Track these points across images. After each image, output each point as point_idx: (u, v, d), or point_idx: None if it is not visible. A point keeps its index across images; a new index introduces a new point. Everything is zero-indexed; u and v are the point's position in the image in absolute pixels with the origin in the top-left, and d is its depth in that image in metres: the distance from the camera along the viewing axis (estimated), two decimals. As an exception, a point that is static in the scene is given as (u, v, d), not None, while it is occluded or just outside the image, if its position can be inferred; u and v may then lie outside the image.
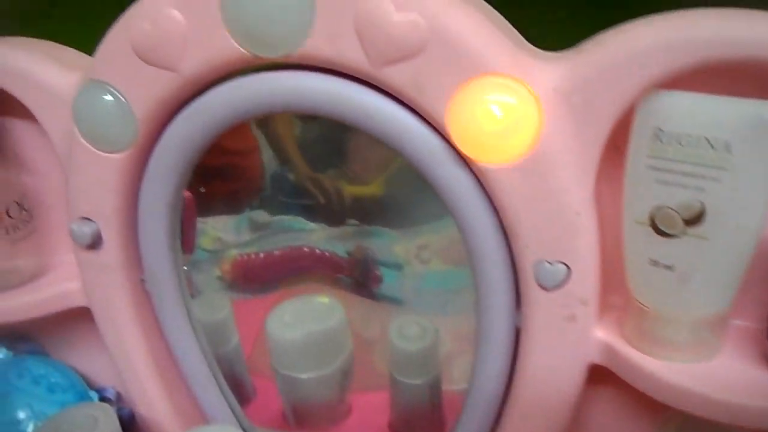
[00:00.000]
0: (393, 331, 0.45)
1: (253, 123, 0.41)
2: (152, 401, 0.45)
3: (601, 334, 0.33)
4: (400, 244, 0.45)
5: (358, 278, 0.46)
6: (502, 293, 0.34)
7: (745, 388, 0.30)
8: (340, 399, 0.48)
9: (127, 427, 0.46)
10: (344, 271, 0.46)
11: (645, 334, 0.31)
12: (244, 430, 0.48)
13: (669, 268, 0.29)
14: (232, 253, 0.48)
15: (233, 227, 0.48)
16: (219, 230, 0.49)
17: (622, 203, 0.31)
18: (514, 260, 0.33)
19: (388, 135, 0.32)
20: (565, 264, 0.31)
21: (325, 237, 0.46)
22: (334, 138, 0.41)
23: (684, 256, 0.29)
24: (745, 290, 0.30)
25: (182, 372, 0.45)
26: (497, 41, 0.30)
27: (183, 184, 0.38)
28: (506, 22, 0.31)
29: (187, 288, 0.43)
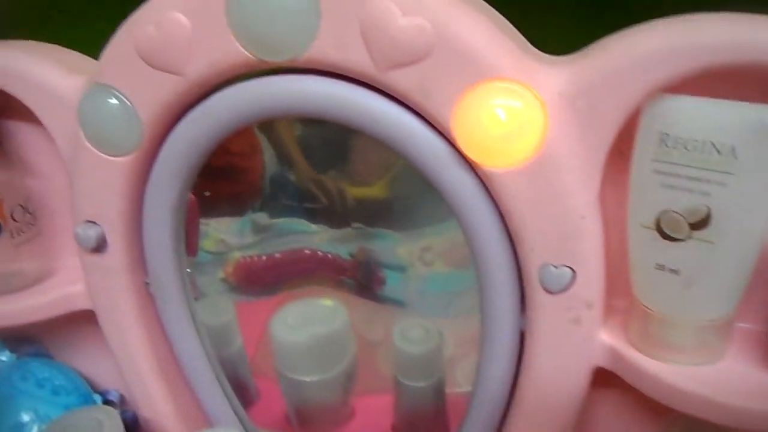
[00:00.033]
0: (396, 333, 0.44)
1: (255, 125, 0.41)
2: (156, 404, 0.45)
3: (606, 338, 0.33)
4: (403, 246, 0.45)
5: (361, 280, 0.46)
6: (507, 296, 0.34)
7: (750, 391, 0.30)
8: (344, 402, 0.48)
9: (131, 430, 0.46)
10: (347, 273, 0.46)
11: (650, 338, 0.31)
12: (248, 433, 0.48)
13: (675, 272, 0.29)
14: (235, 255, 0.48)
15: (236, 229, 0.48)
16: (222, 232, 0.49)
17: (627, 207, 0.31)
18: (519, 264, 0.33)
19: (393, 139, 0.32)
20: (570, 267, 0.31)
21: (327, 239, 0.46)
22: (336, 139, 0.41)
23: (690, 259, 0.29)
24: (750, 293, 0.30)
25: (186, 375, 0.45)
26: (503, 46, 0.30)
27: (188, 187, 0.38)
28: (512, 26, 0.31)
29: (191, 291, 0.43)
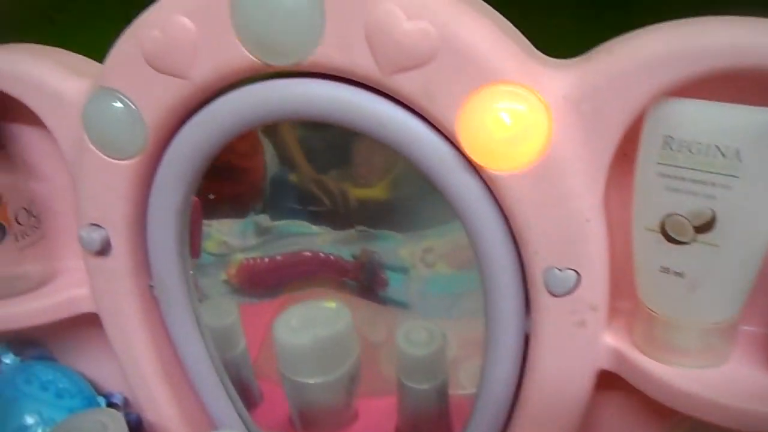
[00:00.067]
0: (400, 335, 0.45)
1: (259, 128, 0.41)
2: (160, 407, 0.45)
3: (611, 340, 0.33)
4: (405, 248, 0.45)
5: (364, 282, 0.46)
6: (512, 299, 0.34)
7: (755, 394, 0.30)
8: (347, 404, 0.48)
9: (135, 433, 0.46)
10: (349, 274, 0.46)
11: (654, 340, 0.31)
12: (252, 436, 0.48)
13: (679, 275, 0.29)
14: (238, 257, 0.49)
15: (238, 231, 0.48)
16: (224, 234, 0.49)
17: (631, 209, 0.31)
18: (523, 267, 0.33)
19: (397, 143, 0.32)
20: (575, 270, 0.31)
21: (330, 241, 0.46)
22: (338, 140, 0.41)
23: (694, 263, 0.29)
24: (755, 296, 0.30)
25: (190, 377, 0.45)
26: (507, 49, 0.30)
27: (192, 190, 0.38)
28: (516, 29, 0.32)
29: (195, 293, 0.43)
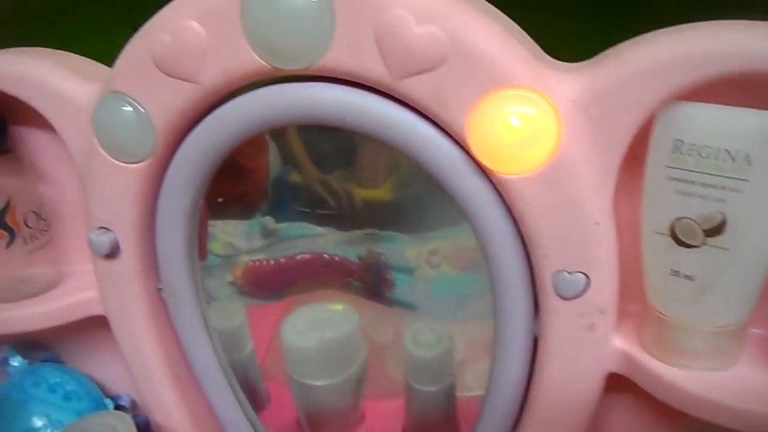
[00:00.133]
0: (408, 338, 0.45)
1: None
2: (168, 409, 0.45)
3: (620, 343, 0.33)
4: (411, 249, 0.45)
5: (370, 283, 0.46)
6: (521, 302, 0.34)
7: (764, 396, 0.30)
8: (354, 406, 0.49)
9: (143, 435, 0.46)
10: (355, 275, 0.46)
11: (664, 343, 0.31)
12: (259, 437, 0.48)
13: (689, 278, 0.29)
14: (244, 259, 0.49)
15: (244, 233, 0.48)
16: (230, 235, 0.49)
17: (640, 213, 0.31)
18: (532, 270, 0.33)
19: (407, 146, 0.32)
20: (584, 273, 0.31)
21: (335, 242, 0.46)
22: (343, 142, 0.42)
23: (704, 266, 0.29)
24: (764, 299, 0.30)
25: (198, 379, 0.45)
26: (517, 53, 0.30)
27: (201, 194, 0.38)
28: (525, 33, 0.32)
29: (203, 296, 0.43)
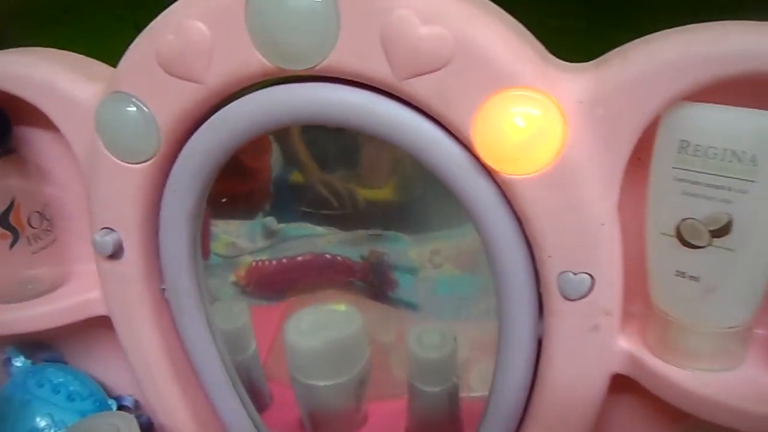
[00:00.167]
0: (412, 338, 0.45)
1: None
2: (171, 409, 0.45)
3: (624, 344, 0.33)
4: (414, 249, 0.45)
5: (373, 283, 0.46)
6: (525, 303, 0.34)
7: (769, 398, 0.30)
8: (357, 407, 0.49)
9: (146, 435, 0.46)
10: (357, 275, 0.46)
11: (669, 344, 0.31)
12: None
13: (694, 279, 0.29)
14: (247, 259, 0.49)
15: (247, 233, 0.48)
16: (232, 235, 0.49)
17: (644, 214, 0.31)
18: (537, 270, 0.33)
19: (412, 147, 0.32)
20: (589, 274, 0.31)
21: (338, 242, 0.46)
22: (346, 142, 0.42)
23: (710, 267, 0.29)
24: (769, 300, 0.30)
25: (201, 379, 0.45)
26: (522, 54, 0.30)
27: (205, 194, 0.38)
28: (530, 34, 0.32)
29: (206, 296, 0.43)
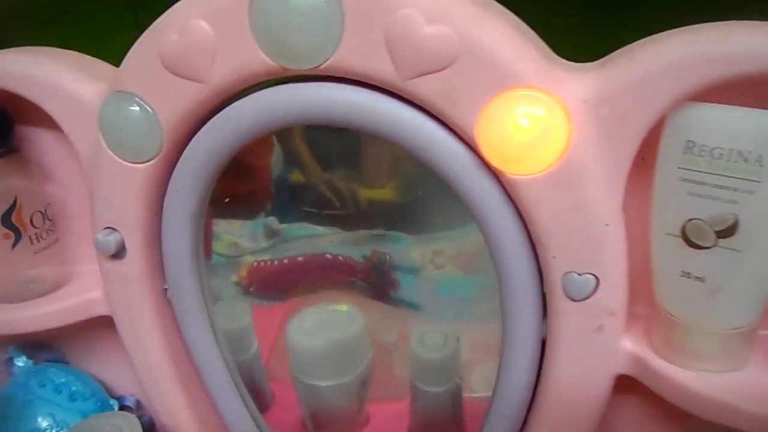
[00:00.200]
0: (414, 339, 0.45)
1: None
2: (174, 409, 0.45)
3: (629, 345, 0.33)
4: (416, 250, 0.45)
5: (375, 283, 0.46)
6: (529, 304, 0.34)
7: (774, 399, 0.30)
8: (359, 407, 0.48)
9: (148, 435, 0.46)
10: (359, 275, 0.46)
11: (674, 345, 0.31)
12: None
13: (700, 280, 0.29)
14: (249, 259, 0.49)
15: (249, 233, 0.48)
16: (234, 235, 0.49)
17: (648, 214, 0.31)
18: (541, 271, 0.33)
19: (416, 147, 0.32)
20: (593, 275, 0.31)
21: (340, 242, 0.46)
22: (347, 142, 0.41)
23: (715, 268, 0.29)
24: (775, 301, 0.30)
25: (203, 379, 0.45)
26: (527, 53, 0.30)
27: (207, 194, 0.38)
28: (535, 34, 0.31)
29: (209, 296, 0.43)
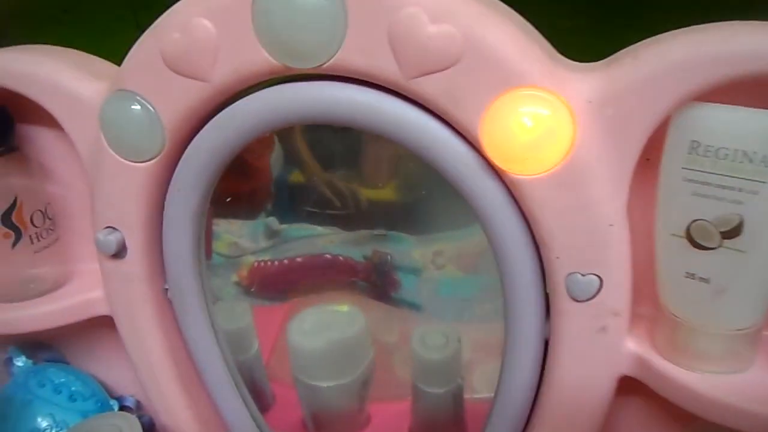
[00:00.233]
0: (415, 339, 0.44)
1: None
2: (174, 409, 0.45)
3: (632, 346, 0.33)
4: (417, 250, 0.44)
5: (376, 283, 0.46)
6: (532, 304, 0.34)
7: (778, 400, 0.30)
8: (360, 408, 0.48)
9: (148, 436, 0.46)
10: (360, 275, 0.46)
11: (678, 346, 0.31)
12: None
13: (704, 281, 0.29)
14: (250, 259, 0.48)
15: (249, 233, 0.48)
16: (234, 235, 0.48)
17: (652, 214, 0.31)
18: (544, 271, 0.33)
19: (419, 146, 0.32)
20: (597, 276, 0.31)
21: (340, 242, 0.46)
22: (348, 141, 0.41)
23: (720, 268, 0.29)
24: (780, 302, 0.30)
25: (203, 380, 0.45)
26: (532, 53, 0.29)
27: (209, 193, 0.38)
28: (539, 34, 0.31)
29: (209, 296, 0.43)
